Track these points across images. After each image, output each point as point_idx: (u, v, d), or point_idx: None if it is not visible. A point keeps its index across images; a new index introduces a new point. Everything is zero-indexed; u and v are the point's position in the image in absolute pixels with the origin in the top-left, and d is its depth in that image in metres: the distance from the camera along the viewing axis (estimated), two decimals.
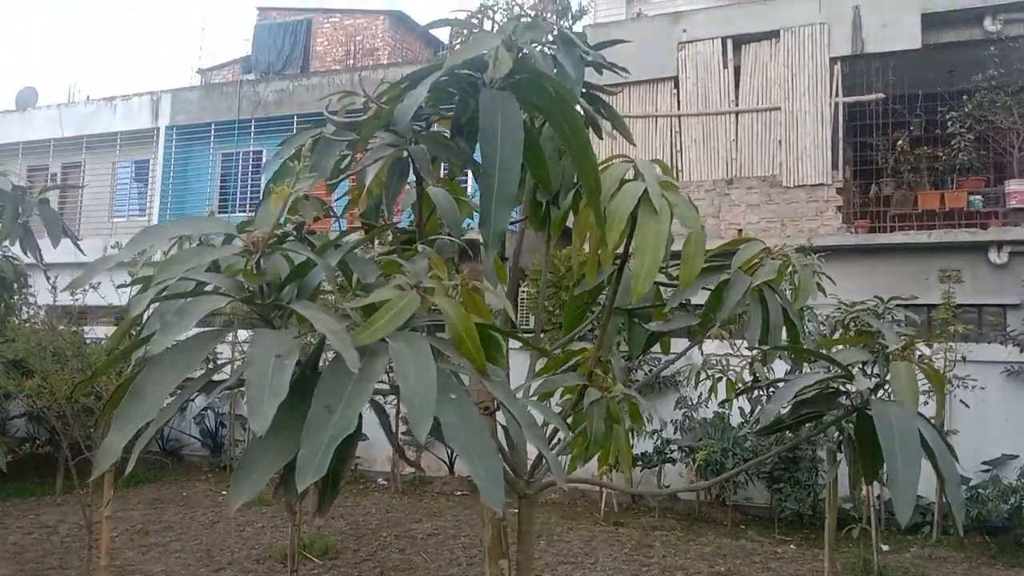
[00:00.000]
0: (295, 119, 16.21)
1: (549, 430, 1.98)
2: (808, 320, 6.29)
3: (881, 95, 12.24)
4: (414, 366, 1.02)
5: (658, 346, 2.31)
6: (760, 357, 2.00)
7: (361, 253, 1.74)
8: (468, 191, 2.21)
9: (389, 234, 1.81)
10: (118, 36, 63.42)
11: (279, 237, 1.20)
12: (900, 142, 12.86)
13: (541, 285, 2.64)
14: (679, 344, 3.47)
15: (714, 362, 6.76)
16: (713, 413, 10.40)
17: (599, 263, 1.67)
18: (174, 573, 7.75)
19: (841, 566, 7.98)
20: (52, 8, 62.16)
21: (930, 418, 3.02)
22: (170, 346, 1.01)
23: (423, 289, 1.15)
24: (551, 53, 1.70)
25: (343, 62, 19.07)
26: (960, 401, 9.41)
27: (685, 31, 13.24)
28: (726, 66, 12.98)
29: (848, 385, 1.82)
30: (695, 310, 2.14)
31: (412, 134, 1.46)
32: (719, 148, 12.92)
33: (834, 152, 12.33)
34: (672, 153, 13.24)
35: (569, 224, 2.10)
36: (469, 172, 1.83)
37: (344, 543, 8.82)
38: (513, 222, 2.10)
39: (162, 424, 1.07)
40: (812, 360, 2.17)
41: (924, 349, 7.33)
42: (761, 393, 6.56)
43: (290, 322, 1.22)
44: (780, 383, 3.88)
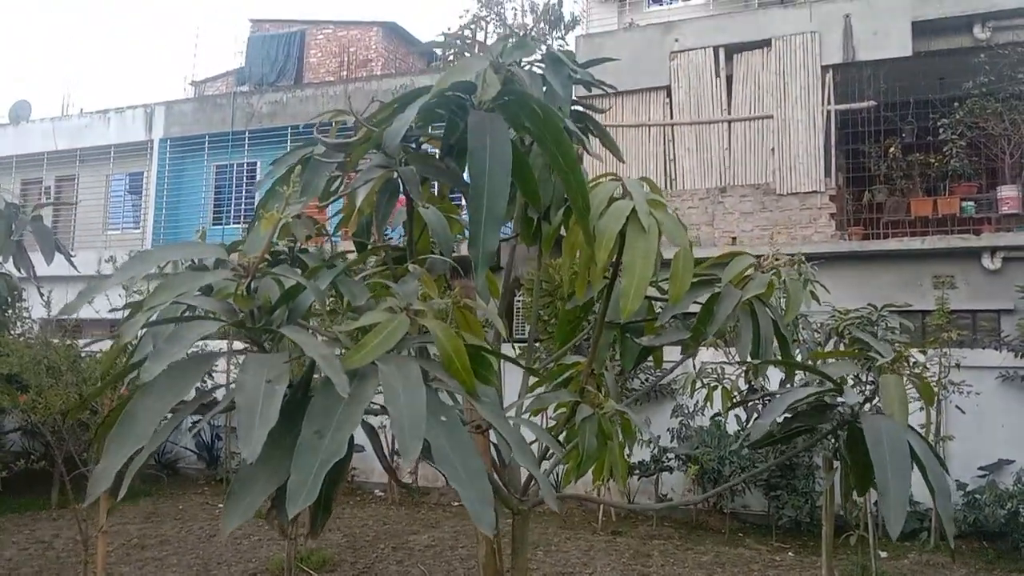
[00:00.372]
0: (289, 131, 16.24)
1: (542, 446, 1.98)
2: (802, 328, 6.31)
3: (873, 102, 12.31)
4: (403, 390, 1.03)
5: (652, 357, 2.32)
6: (753, 368, 2.01)
7: (354, 272, 1.75)
8: (461, 208, 2.22)
9: (381, 252, 1.82)
10: (117, 37, 63.46)
11: (270, 260, 1.21)
12: (892, 149, 12.92)
13: (535, 296, 2.65)
14: (674, 353, 3.47)
15: (709, 371, 6.77)
16: (709, 421, 10.40)
17: (589, 280, 1.69)
18: None
19: (839, 573, 7.98)
20: (51, 8, 62.15)
21: (921, 426, 3.04)
22: (162, 371, 1.02)
23: (413, 311, 1.16)
24: (540, 72, 1.71)
25: (337, 73, 19.11)
26: (956, 407, 9.44)
27: (677, 40, 13.30)
28: (718, 75, 13.04)
29: (839, 398, 1.83)
30: (687, 320, 2.16)
31: (402, 155, 1.47)
32: (712, 156, 12.97)
33: (827, 160, 12.38)
34: (665, 162, 13.29)
35: (563, 233, 2.12)
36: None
37: (341, 555, 8.79)
38: (505, 238, 2.12)
39: (154, 449, 1.08)
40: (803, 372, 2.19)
41: (918, 356, 7.34)
42: (757, 401, 6.56)
43: (281, 344, 1.23)
44: (775, 394, 3.89)
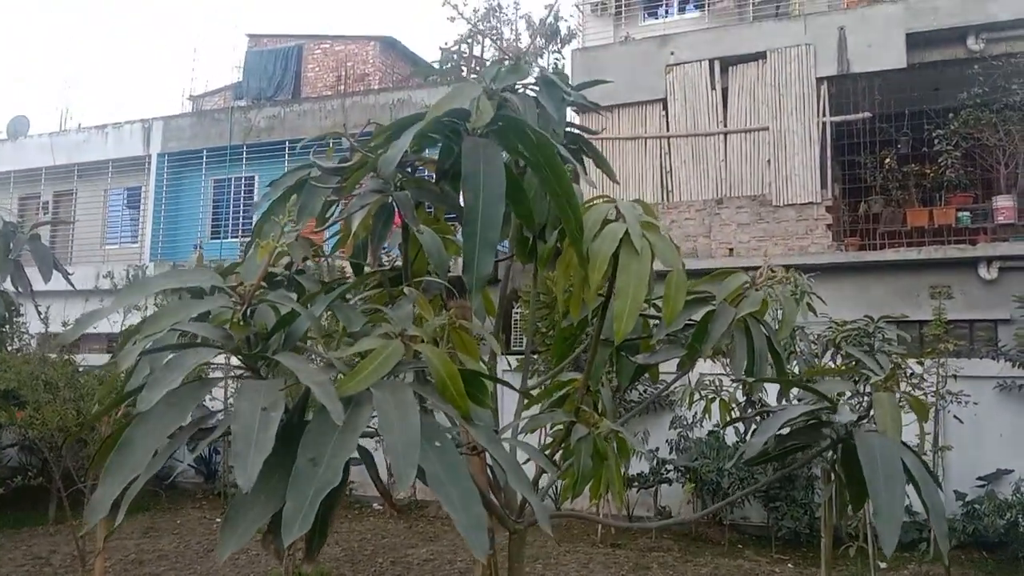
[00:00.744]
0: (287, 145, 16.27)
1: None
2: (800, 340, 6.32)
3: (868, 114, 12.36)
4: (398, 416, 1.04)
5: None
6: (749, 385, 2.02)
7: (352, 293, 1.76)
8: (456, 228, 2.23)
9: (377, 275, 1.83)
10: (117, 38, 63.55)
11: (266, 285, 1.22)
12: (888, 160, 12.96)
13: (531, 311, 2.66)
14: (672, 365, 3.47)
15: (707, 383, 6.77)
16: (708, 433, 10.39)
17: (583, 300, 1.70)
18: None
19: None
20: (51, 8, 62.26)
21: (918, 436, 3.04)
22: (159, 399, 1.03)
23: (408, 337, 1.18)
24: (533, 95, 1.73)
25: (334, 87, 19.17)
26: (954, 417, 9.44)
27: (673, 54, 13.37)
28: (714, 87, 13.10)
29: (833, 415, 1.84)
30: (684, 332, 2.16)
31: (397, 179, 1.48)
32: (708, 168, 13.01)
33: (822, 171, 12.43)
34: (662, 174, 13.33)
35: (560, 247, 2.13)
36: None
37: (339, 569, 8.76)
38: (502, 259, 2.13)
39: (150, 476, 1.09)
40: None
41: (915, 367, 7.32)
42: (754, 412, 6.56)
43: (278, 370, 1.23)
44: (772, 409, 3.90)
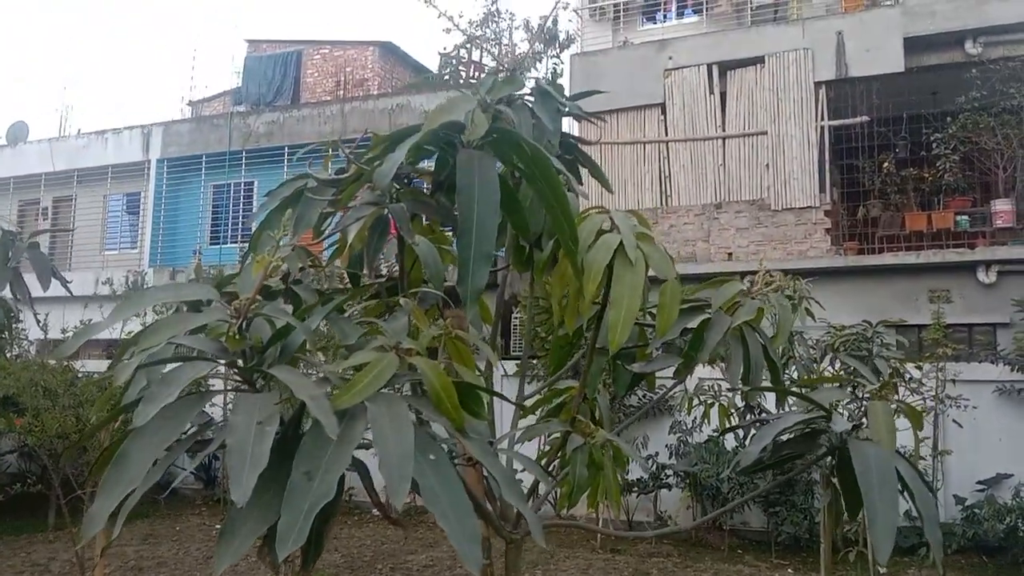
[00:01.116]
0: (286, 150, 16.28)
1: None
2: (798, 345, 6.33)
3: (866, 118, 12.38)
4: (392, 429, 1.04)
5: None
6: (745, 393, 2.03)
7: (349, 304, 1.77)
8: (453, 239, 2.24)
9: (373, 287, 1.84)
10: (117, 38, 63.56)
11: (261, 299, 1.23)
12: (886, 164, 12.99)
13: (528, 319, 2.67)
14: (669, 371, 3.47)
15: (706, 388, 6.78)
16: (707, 438, 10.39)
17: (578, 311, 1.71)
18: None
19: None
20: (51, 8, 62.28)
21: (911, 451, 3.05)
22: (155, 413, 1.03)
23: (403, 349, 1.18)
24: (529, 106, 1.74)
25: (333, 93, 19.19)
26: (953, 421, 9.44)
27: (671, 58, 13.39)
28: (712, 92, 13.13)
29: (829, 424, 1.85)
30: (682, 337, 2.17)
31: (393, 191, 1.49)
32: (707, 173, 13.03)
33: (821, 175, 12.44)
34: (661, 178, 13.35)
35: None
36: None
37: None
38: (499, 268, 2.14)
39: (147, 488, 1.10)
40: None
41: (914, 371, 7.33)
42: (753, 419, 6.57)
43: (273, 383, 1.24)
44: (771, 417, 3.89)
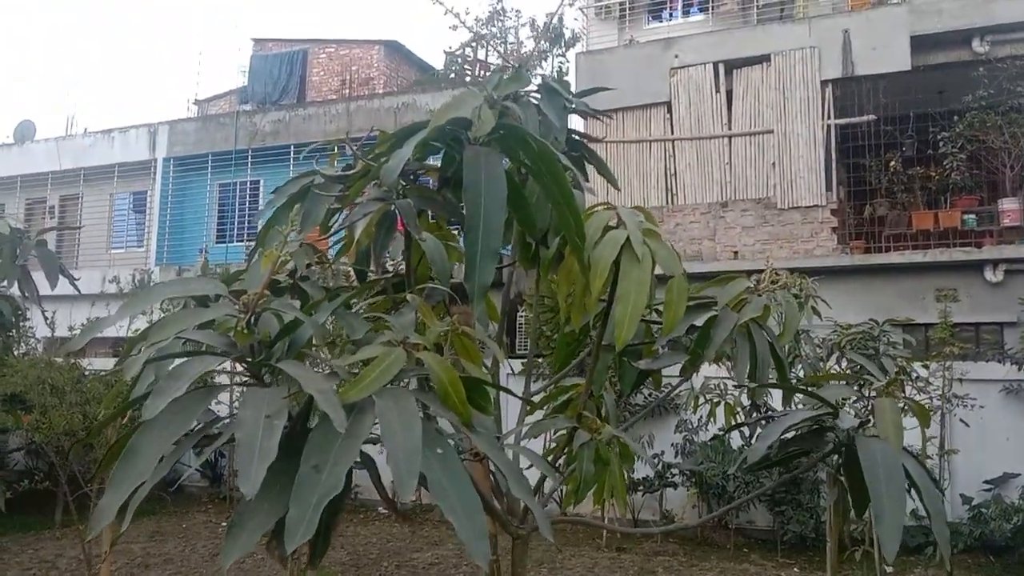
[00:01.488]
0: (292, 149, 16.30)
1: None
2: (804, 343, 6.31)
3: (872, 117, 12.34)
4: (400, 423, 1.05)
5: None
6: (751, 390, 2.03)
7: (356, 300, 1.77)
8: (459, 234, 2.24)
9: (380, 283, 1.85)
10: (117, 38, 63.68)
11: (269, 295, 1.23)
12: (893, 163, 12.94)
13: (534, 315, 2.68)
14: (675, 369, 3.46)
15: (712, 386, 6.77)
16: (713, 437, 10.38)
17: (584, 307, 1.71)
18: None
19: None
20: (52, 8, 62.42)
21: (918, 450, 3.04)
22: (164, 407, 1.04)
23: (410, 344, 1.19)
24: (535, 103, 1.74)
25: (339, 91, 19.22)
26: (960, 420, 9.41)
27: (677, 57, 13.37)
28: (718, 90, 13.10)
29: (835, 421, 1.85)
30: (687, 338, 2.17)
31: (399, 187, 1.50)
32: (713, 171, 13.01)
33: (827, 174, 12.41)
34: (666, 177, 13.33)
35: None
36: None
37: (345, 574, 8.78)
38: (505, 265, 2.14)
39: (156, 482, 1.10)
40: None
41: (921, 370, 7.28)
42: (759, 416, 6.56)
43: (281, 378, 1.25)
44: (777, 414, 3.89)
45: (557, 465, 1.97)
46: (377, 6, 55.26)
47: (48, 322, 5.96)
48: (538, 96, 1.78)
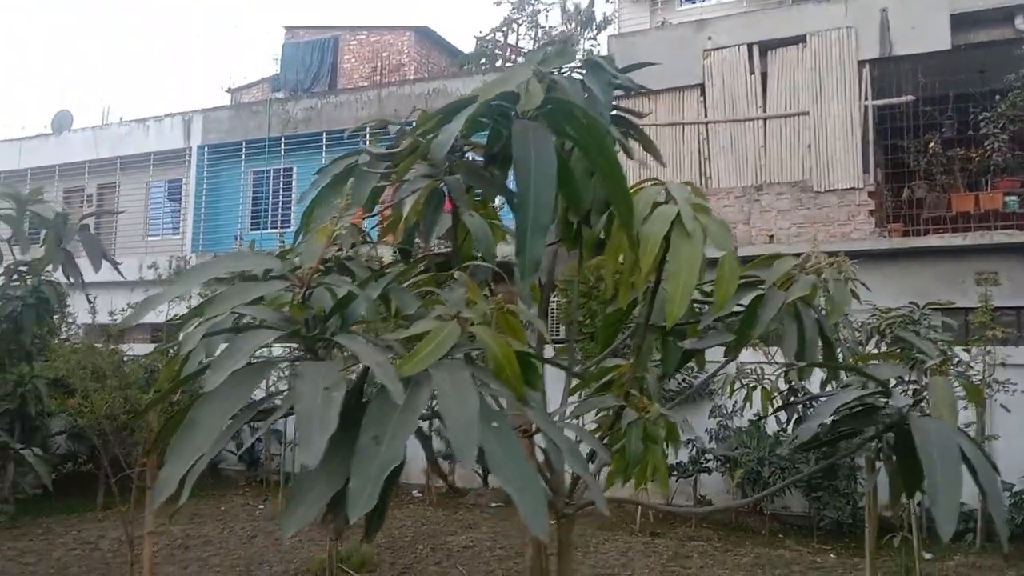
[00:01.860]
0: (324, 136, 16.40)
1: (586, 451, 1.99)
2: (843, 327, 6.23)
3: (911, 97, 12.11)
4: (456, 396, 1.04)
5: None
6: (798, 370, 1.99)
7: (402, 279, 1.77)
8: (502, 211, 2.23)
9: (426, 260, 1.85)
10: (116, 36, 64.34)
11: (323, 270, 1.23)
12: (932, 144, 12.69)
13: (572, 299, 2.66)
14: (712, 354, 3.43)
15: (748, 371, 6.72)
16: (748, 422, 10.31)
17: (632, 285, 1.69)
18: None
19: (883, 575, 7.86)
20: (51, 8, 63.16)
21: (967, 426, 2.99)
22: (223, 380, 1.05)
23: (462, 318, 1.18)
24: (580, 78, 1.72)
25: (370, 78, 19.26)
26: (1000, 406, 9.25)
27: (710, 38, 13.21)
28: (753, 72, 12.92)
29: (886, 400, 1.82)
30: (731, 319, 2.14)
31: (447, 164, 1.49)
32: (748, 154, 12.86)
33: (865, 156, 12.21)
34: (700, 160, 13.20)
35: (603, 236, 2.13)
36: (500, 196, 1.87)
37: (380, 556, 8.86)
38: (549, 243, 2.13)
39: (213, 455, 1.11)
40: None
41: (962, 354, 7.19)
42: (797, 400, 6.50)
43: (333, 353, 1.25)
44: (820, 396, 3.84)
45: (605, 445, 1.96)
46: None
47: (90, 306, 6.06)
48: (582, 72, 1.76)
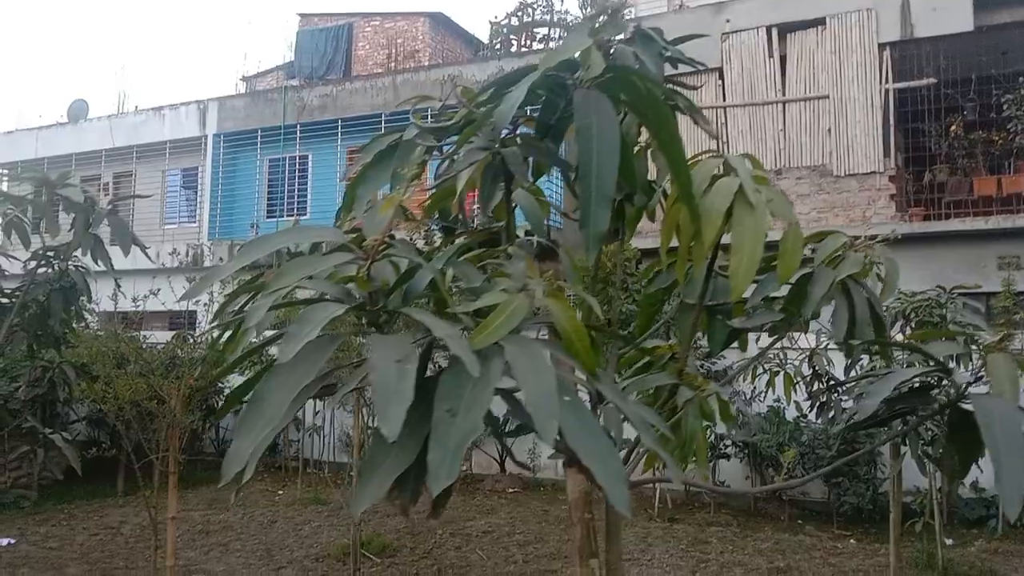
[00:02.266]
0: (339, 123, 16.37)
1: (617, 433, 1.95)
2: None
3: (932, 80, 11.96)
4: (533, 369, 1.02)
5: (703, 340, 2.28)
6: (848, 350, 1.95)
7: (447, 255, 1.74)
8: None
9: (475, 236, 1.82)
10: (132, 25, 64.59)
11: (388, 242, 1.21)
12: (954, 127, 12.56)
13: (617, 281, 2.64)
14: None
15: (771, 356, 6.67)
16: (768, 407, 10.28)
17: (690, 260, 1.66)
18: (236, 572, 7.90)
19: (904, 561, 7.83)
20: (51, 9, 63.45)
21: None
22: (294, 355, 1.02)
23: (530, 291, 1.16)
24: (630, 50, 1.69)
25: (384, 65, 19.20)
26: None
27: (728, 21, 13.08)
28: (771, 55, 12.80)
29: (945, 378, 1.78)
30: (769, 301, 2.10)
31: (501, 137, 1.46)
32: (767, 138, 12.75)
33: (885, 139, 12.08)
34: (718, 145, 13.08)
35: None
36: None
37: (400, 541, 8.89)
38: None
39: (280, 430, 1.09)
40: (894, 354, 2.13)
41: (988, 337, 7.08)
42: (822, 387, 6.45)
43: (395, 327, 1.23)
44: (847, 382, 3.80)
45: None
46: None
47: (115, 292, 6.07)
48: (632, 43, 1.72)
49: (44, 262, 4.14)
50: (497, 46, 16.91)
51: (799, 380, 6.42)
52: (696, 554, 8.46)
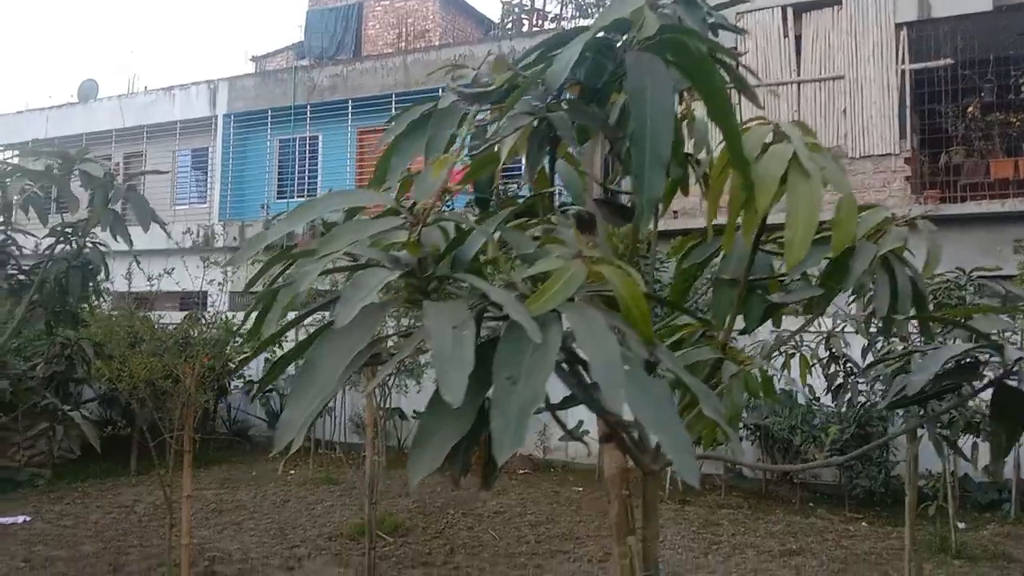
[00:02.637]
0: (349, 104, 16.30)
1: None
2: None
3: (950, 61, 11.81)
4: (592, 336, 0.98)
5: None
6: (888, 324, 1.91)
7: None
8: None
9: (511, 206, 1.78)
10: (142, 4, 64.29)
11: (440, 206, 1.17)
12: (971, 109, 12.43)
13: (651, 256, 2.60)
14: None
15: (786, 337, 6.62)
16: (780, 390, 10.23)
17: (741, 229, 1.62)
18: (250, 550, 7.93)
19: (917, 544, 7.81)
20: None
21: None
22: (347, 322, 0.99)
23: (585, 258, 1.12)
24: (676, 14, 1.64)
25: (395, 45, 19.09)
26: None
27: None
28: (786, 35, 12.66)
29: (993, 355, 1.74)
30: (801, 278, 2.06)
31: (548, 101, 1.42)
32: (781, 119, 12.59)
33: (901, 121, 11.96)
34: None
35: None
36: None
37: (412, 521, 8.92)
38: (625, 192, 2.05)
39: (331, 399, 1.06)
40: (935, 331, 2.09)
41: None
42: (839, 368, 6.41)
43: (445, 294, 1.19)
44: (871, 364, 3.74)
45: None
46: None
47: (128, 271, 6.06)
48: (676, 7, 1.67)
49: (62, 238, 4.11)
50: (508, 26, 16.79)
51: (815, 362, 6.37)
52: (708, 536, 8.45)
